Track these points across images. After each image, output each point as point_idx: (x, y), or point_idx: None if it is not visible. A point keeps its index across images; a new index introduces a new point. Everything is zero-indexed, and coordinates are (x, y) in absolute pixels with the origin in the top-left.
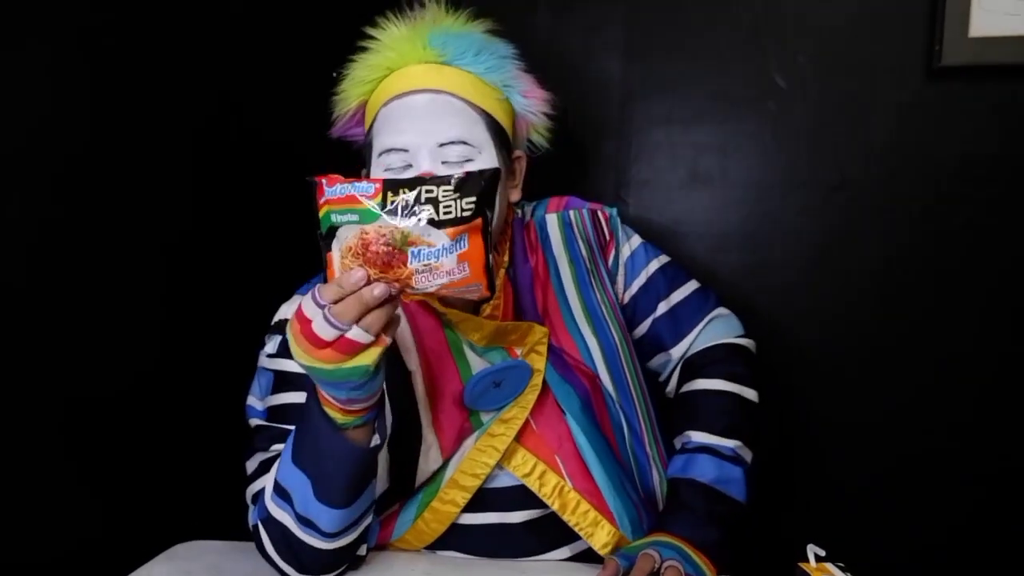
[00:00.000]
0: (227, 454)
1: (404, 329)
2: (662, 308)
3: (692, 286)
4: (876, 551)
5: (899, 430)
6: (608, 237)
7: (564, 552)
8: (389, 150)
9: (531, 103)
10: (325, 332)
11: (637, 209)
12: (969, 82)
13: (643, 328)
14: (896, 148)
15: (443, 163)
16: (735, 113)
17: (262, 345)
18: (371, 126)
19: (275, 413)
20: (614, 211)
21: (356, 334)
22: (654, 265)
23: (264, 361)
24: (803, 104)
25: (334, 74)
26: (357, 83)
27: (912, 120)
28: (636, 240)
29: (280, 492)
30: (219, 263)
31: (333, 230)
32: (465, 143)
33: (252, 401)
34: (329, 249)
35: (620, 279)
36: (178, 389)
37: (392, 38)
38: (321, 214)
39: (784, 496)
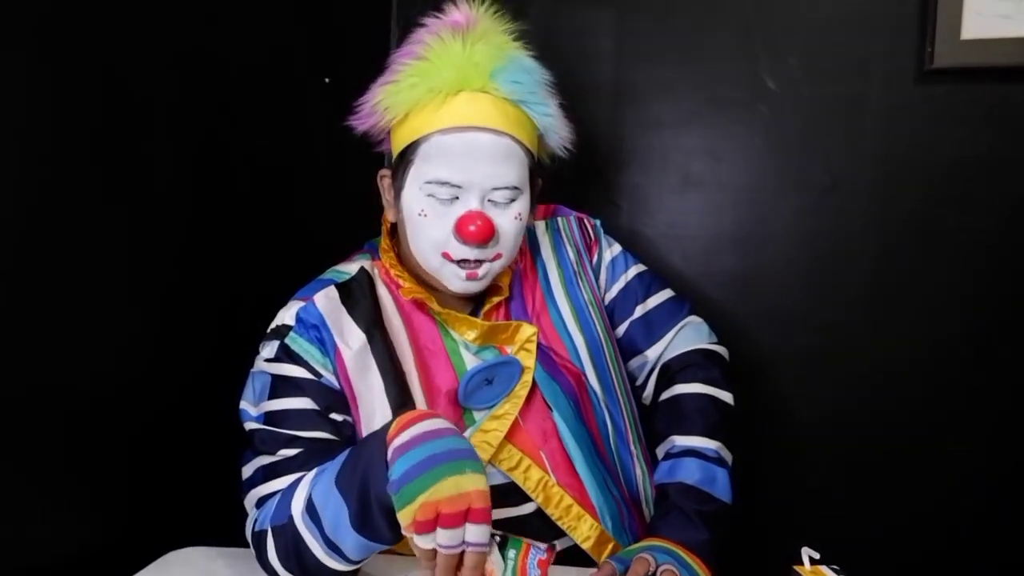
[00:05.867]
0: (220, 459)
1: (399, 329)
2: (638, 312)
3: (668, 293)
4: (871, 554)
5: (894, 432)
6: (593, 239)
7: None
8: (443, 183)
9: (557, 142)
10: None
11: (629, 212)
12: (961, 84)
13: (620, 331)
14: (888, 150)
15: (488, 201)
16: (726, 116)
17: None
18: (417, 144)
19: (273, 418)
20: (598, 221)
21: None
22: (633, 271)
23: (261, 365)
24: (794, 106)
25: (326, 80)
26: (409, 99)
27: (904, 122)
28: (617, 247)
29: (311, 511)
30: (215, 267)
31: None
32: (515, 188)
33: (245, 405)
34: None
35: (602, 281)
36: (170, 394)
37: (449, 56)
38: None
39: (779, 498)
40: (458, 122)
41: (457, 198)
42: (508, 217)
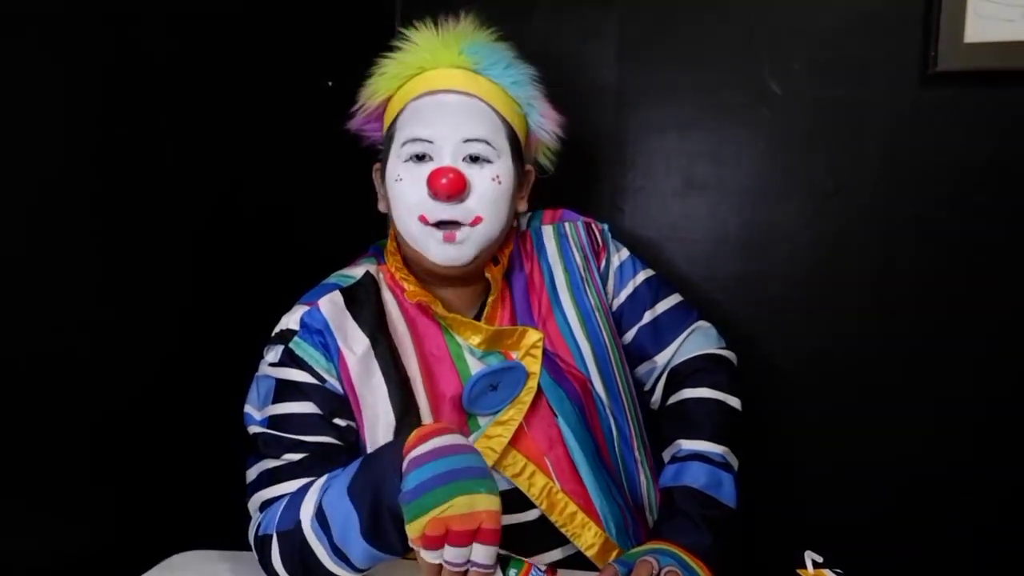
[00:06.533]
0: (224, 463)
1: (404, 334)
2: (647, 317)
3: (676, 298)
4: (874, 558)
5: (896, 436)
6: (600, 245)
7: (556, 554)
8: (415, 139)
9: (545, 123)
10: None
11: (632, 216)
12: (964, 88)
13: (629, 336)
14: (891, 154)
15: (463, 159)
16: (729, 119)
17: (262, 355)
18: (396, 118)
19: (278, 422)
20: (606, 226)
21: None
22: (641, 276)
23: (265, 369)
24: (798, 110)
25: (329, 83)
26: (388, 78)
27: (907, 126)
28: (625, 252)
29: (321, 518)
30: (219, 271)
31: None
32: (488, 144)
33: (249, 409)
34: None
35: (610, 286)
36: (173, 396)
37: (426, 40)
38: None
39: (783, 502)
40: (430, 88)
41: (431, 158)
42: (484, 177)
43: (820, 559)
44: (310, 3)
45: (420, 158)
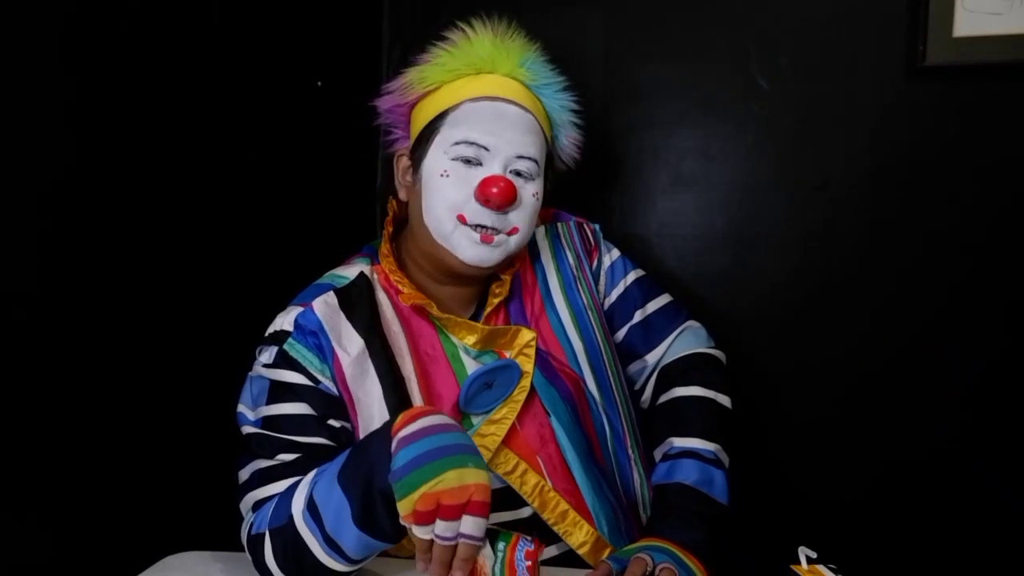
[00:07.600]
0: (218, 463)
1: (398, 335)
2: (638, 317)
3: (666, 298)
4: (866, 552)
5: (886, 431)
6: (593, 244)
7: (551, 551)
8: (471, 143)
9: (569, 149)
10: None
11: (621, 213)
12: (952, 82)
13: (620, 335)
14: (879, 148)
15: (510, 171)
16: (717, 115)
17: (255, 355)
18: (445, 113)
19: (271, 423)
20: (597, 227)
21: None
22: (631, 276)
23: (259, 370)
24: (785, 105)
25: (318, 84)
26: (443, 70)
27: (895, 120)
28: (616, 253)
29: (312, 509)
30: (211, 270)
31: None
32: (535, 162)
33: (243, 409)
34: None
35: (601, 286)
36: (167, 397)
37: (485, 42)
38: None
39: (774, 497)
40: (491, 92)
41: (481, 164)
42: (527, 192)
43: (814, 554)
44: (300, 4)
45: (468, 161)
